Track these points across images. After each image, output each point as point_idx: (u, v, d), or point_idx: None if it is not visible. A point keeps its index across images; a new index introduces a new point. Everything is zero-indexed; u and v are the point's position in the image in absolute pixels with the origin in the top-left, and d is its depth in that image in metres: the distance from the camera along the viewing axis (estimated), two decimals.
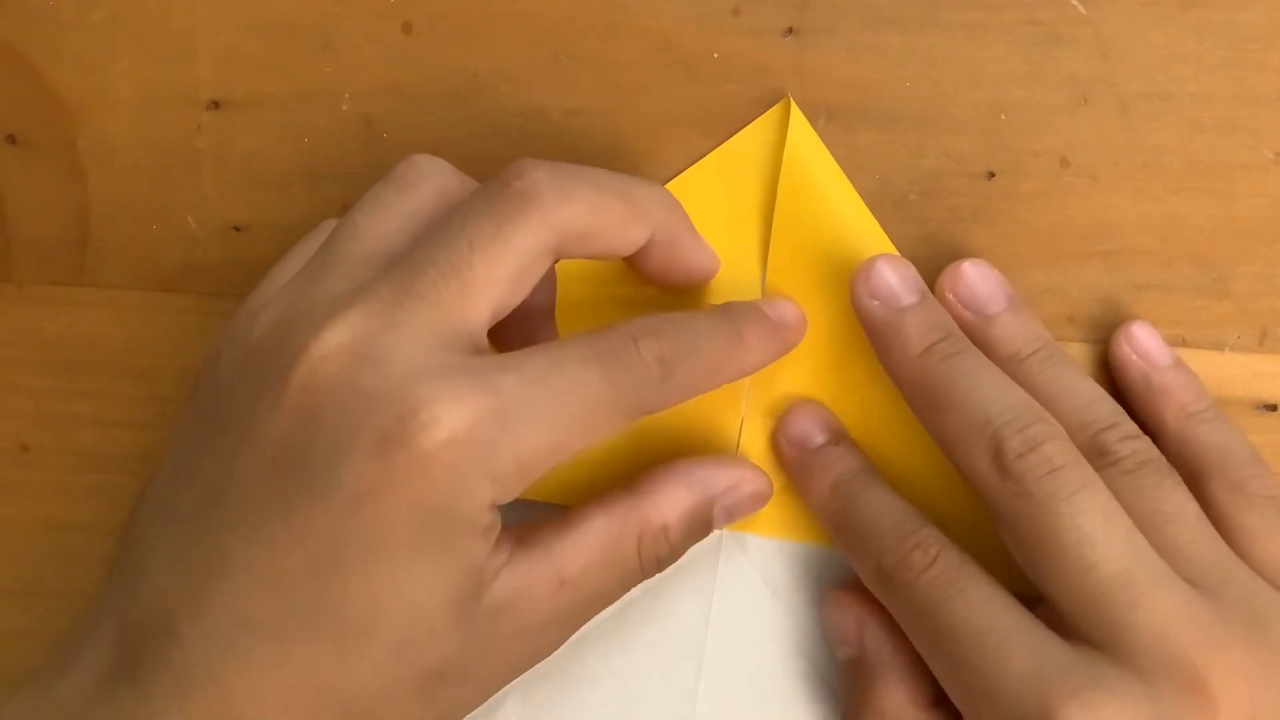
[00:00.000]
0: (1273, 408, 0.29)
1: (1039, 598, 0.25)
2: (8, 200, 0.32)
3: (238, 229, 0.32)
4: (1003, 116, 0.30)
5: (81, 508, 0.32)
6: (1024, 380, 0.27)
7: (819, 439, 0.29)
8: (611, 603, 0.26)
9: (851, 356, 0.29)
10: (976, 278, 0.28)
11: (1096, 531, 0.24)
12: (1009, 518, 0.25)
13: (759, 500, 0.28)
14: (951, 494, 0.28)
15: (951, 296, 0.28)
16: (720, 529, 0.28)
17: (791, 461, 0.29)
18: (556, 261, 0.25)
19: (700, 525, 0.27)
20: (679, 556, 0.27)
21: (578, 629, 0.26)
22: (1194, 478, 0.27)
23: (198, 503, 0.24)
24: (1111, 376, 0.29)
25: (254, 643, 0.22)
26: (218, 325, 0.31)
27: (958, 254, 0.29)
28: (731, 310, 0.27)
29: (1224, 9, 0.29)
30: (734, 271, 0.29)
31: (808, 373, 0.29)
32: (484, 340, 0.24)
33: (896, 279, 0.28)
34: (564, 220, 0.24)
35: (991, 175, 0.30)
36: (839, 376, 0.29)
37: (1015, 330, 0.28)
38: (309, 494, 0.22)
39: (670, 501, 0.26)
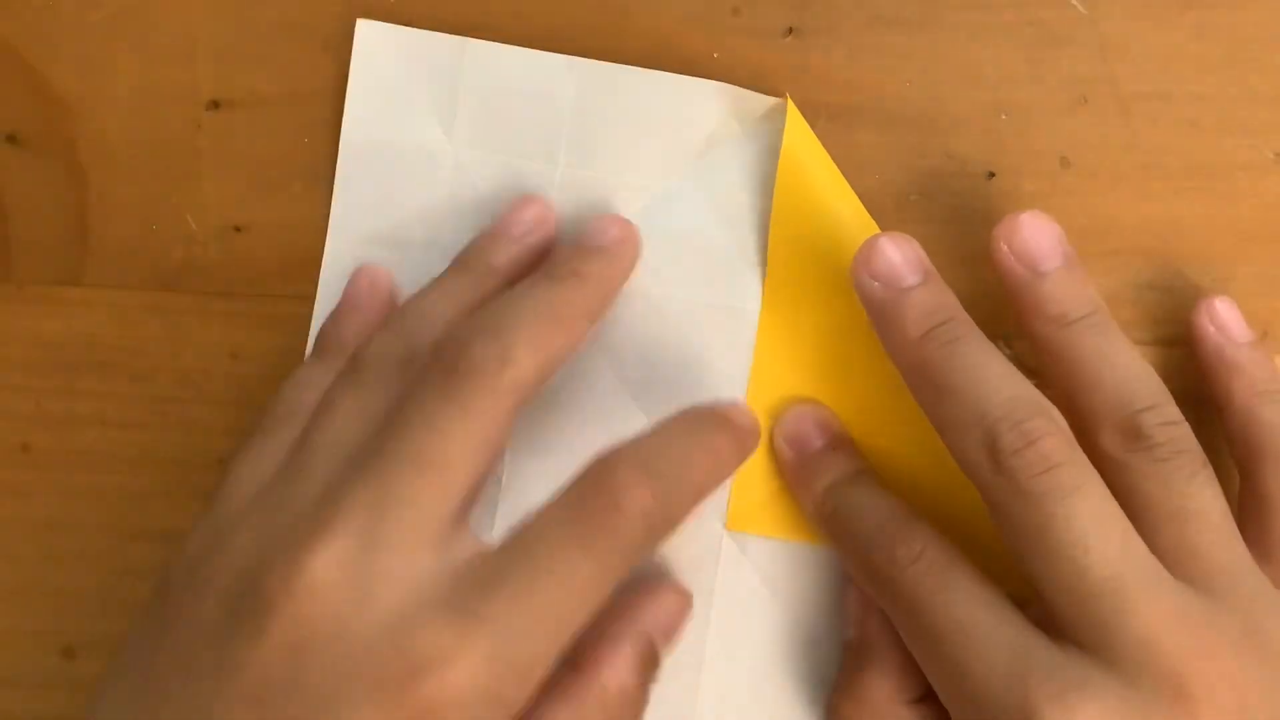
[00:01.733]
0: None
1: (1034, 596, 0.25)
2: (8, 200, 0.32)
3: (238, 229, 0.32)
4: (1003, 116, 0.30)
5: (81, 508, 0.32)
6: (1068, 346, 0.26)
7: (817, 442, 0.29)
8: None
9: (851, 355, 0.29)
10: (1034, 230, 0.27)
11: (1090, 534, 0.24)
12: (1002, 512, 0.25)
13: (687, 609, 0.28)
14: (952, 492, 0.28)
15: (1005, 248, 0.27)
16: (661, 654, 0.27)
17: (788, 463, 0.29)
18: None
19: (652, 663, 0.26)
20: (646, 704, 0.26)
21: None
22: (1251, 457, 0.26)
23: (189, 706, 0.22)
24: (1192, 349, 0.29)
25: None
26: (221, 324, 0.31)
27: (958, 254, 0.29)
28: (701, 421, 0.25)
29: (1224, 9, 0.29)
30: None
31: (808, 372, 0.29)
32: (468, 510, 0.24)
33: (900, 258, 0.27)
34: (520, 380, 0.24)
35: (991, 175, 0.30)
36: (839, 375, 0.29)
37: (1066, 291, 0.27)
38: None
39: (618, 662, 0.25)
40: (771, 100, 0.30)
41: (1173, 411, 0.26)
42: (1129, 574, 0.24)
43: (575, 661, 0.25)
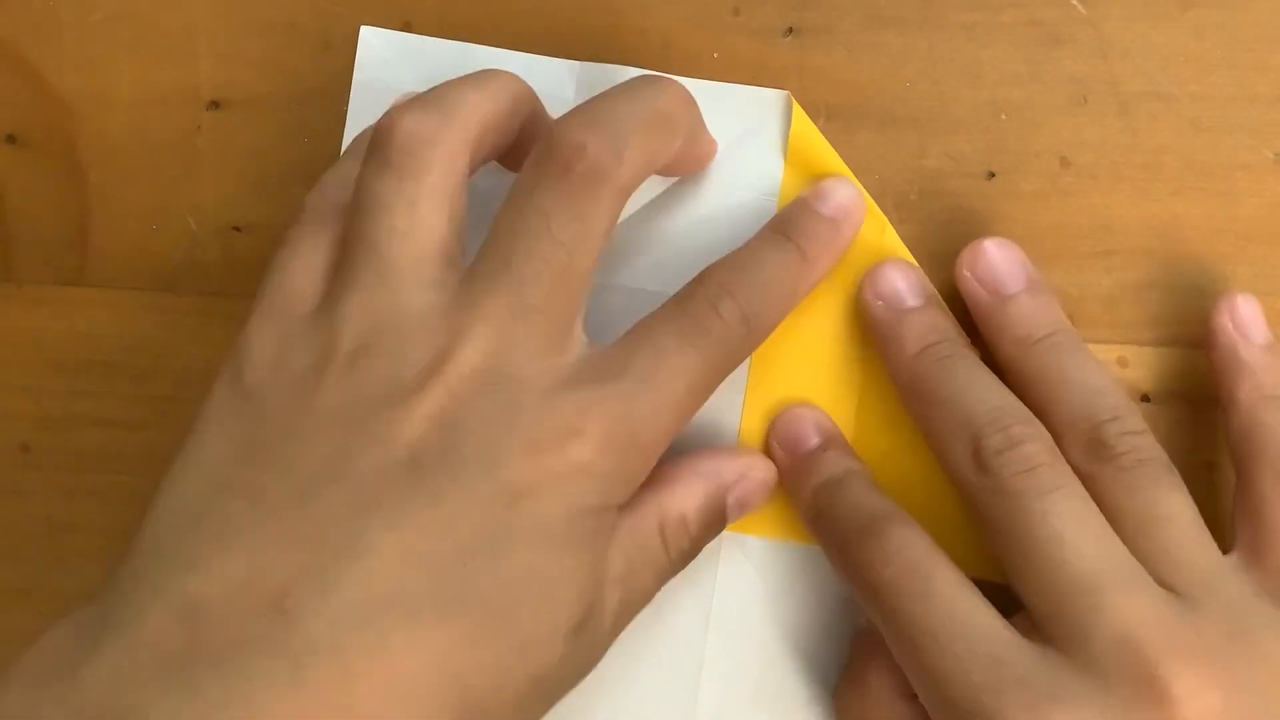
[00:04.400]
0: None
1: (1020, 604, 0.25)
2: (8, 200, 0.32)
3: (238, 229, 0.32)
4: (1003, 116, 0.30)
5: (81, 508, 0.32)
6: (1032, 365, 0.27)
7: (812, 442, 0.29)
8: (648, 602, 0.26)
9: (852, 356, 0.29)
10: (997, 256, 0.28)
11: (1066, 530, 0.24)
12: (985, 515, 0.25)
13: (766, 488, 0.28)
14: (946, 493, 0.28)
15: (968, 274, 0.28)
16: (733, 521, 0.28)
17: (781, 465, 0.29)
18: None
19: (716, 517, 0.27)
20: (700, 549, 0.27)
21: (620, 632, 0.26)
22: (1249, 459, 0.26)
23: (301, 489, 0.23)
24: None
25: (391, 625, 0.22)
26: (221, 324, 0.31)
27: (957, 254, 0.29)
28: (788, 228, 0.28)
29: (1224, 9, 0.29)
30: None
31: (807, 372, 0.29)
32: (584, 310, 0.26)
33: (903, 282, 0.28)
34: (631, 183, 0.25)
35: (991, 175, 0.30)
36: (837, 376, 0.29)
37: (1030, 313, 0.28)
38: (459, 487, 0.23)
39: (686, 493, 0.26)
40: (773, 93, 0.30)
41: (1136, 422, 0.26)
42: (1107, 571, 0.24)
43: (647, 481, 0.26)
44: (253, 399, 0.25)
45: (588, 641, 0.24)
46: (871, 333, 0.28)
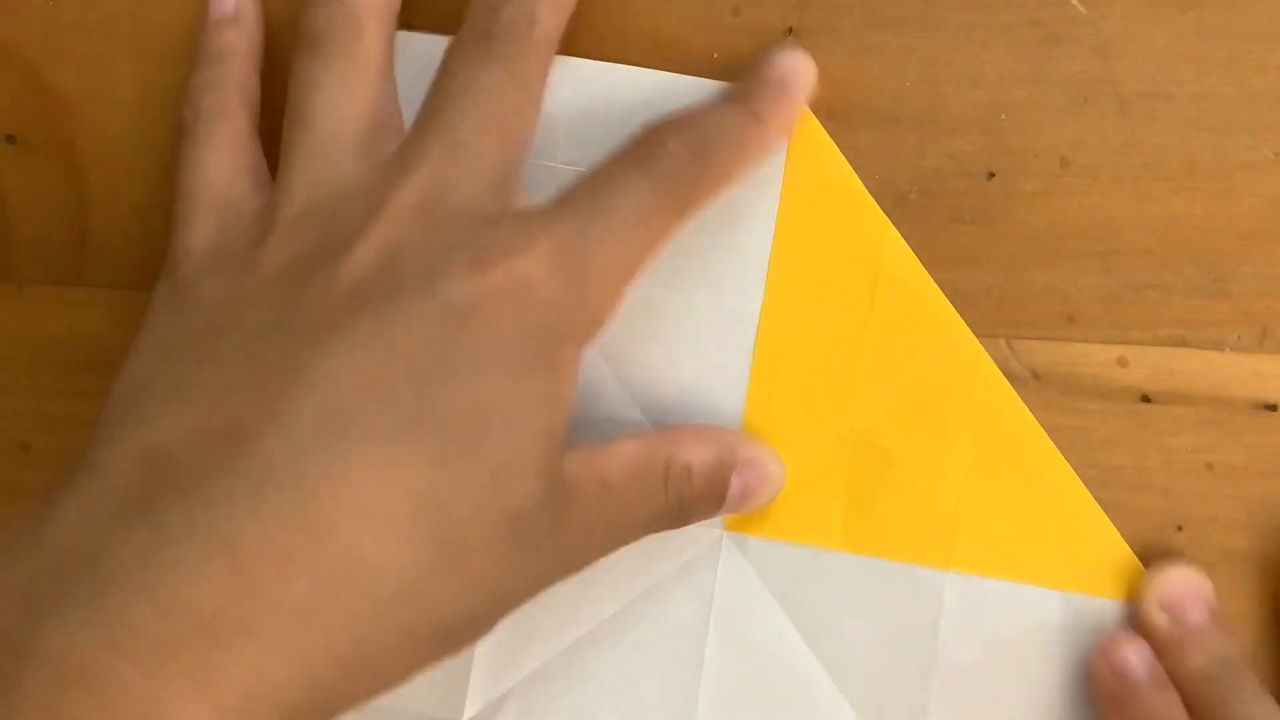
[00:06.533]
0: (1273, 408, 0.29)
1: None
2: (8, 200, 0.32)
3: None
4: (1003, 116, 0.30)
5: None
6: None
7: (1196, 616, 0.27)
8: (637, 537, 0.26)
9: (854, 357, 0.29)
10: (1182, 586, 0.27)
11: None
12: None
13: (775, 484, 0.28)
14: (960, 497, 0.28)
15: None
16: (733, 509, 0.28)
17: (1159, 631, 0.27)
18: None
19: (719, 484, 0.27)
20: (698, 508, 0.27)
21: (608, 553, 0.26)
22: None
23: (253, 335, 0.23)
24: None
25: (348, 446, 0.22)
26: None
27: (958, 254, 0.29)
28: (735, 92, 0.28)
29: (1224, 9, 0.29)
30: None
31: (809, 374, 0.29)
32: (523, 170, 0.27)
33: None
34: (546, 40, 0.27)
35: (991, 175, 0.30)
36: (841, 377, 0.29)
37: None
38: (404, 309, 0.23)
39: (696, 448, 0.27)
40: None
41: None
42: None
43: (662, 428, 0.27)
44: (196, 283, 0.25)
45: (566, 514, 0.24)
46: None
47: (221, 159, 0.27)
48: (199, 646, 0.20)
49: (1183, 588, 0.27)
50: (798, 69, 0.28)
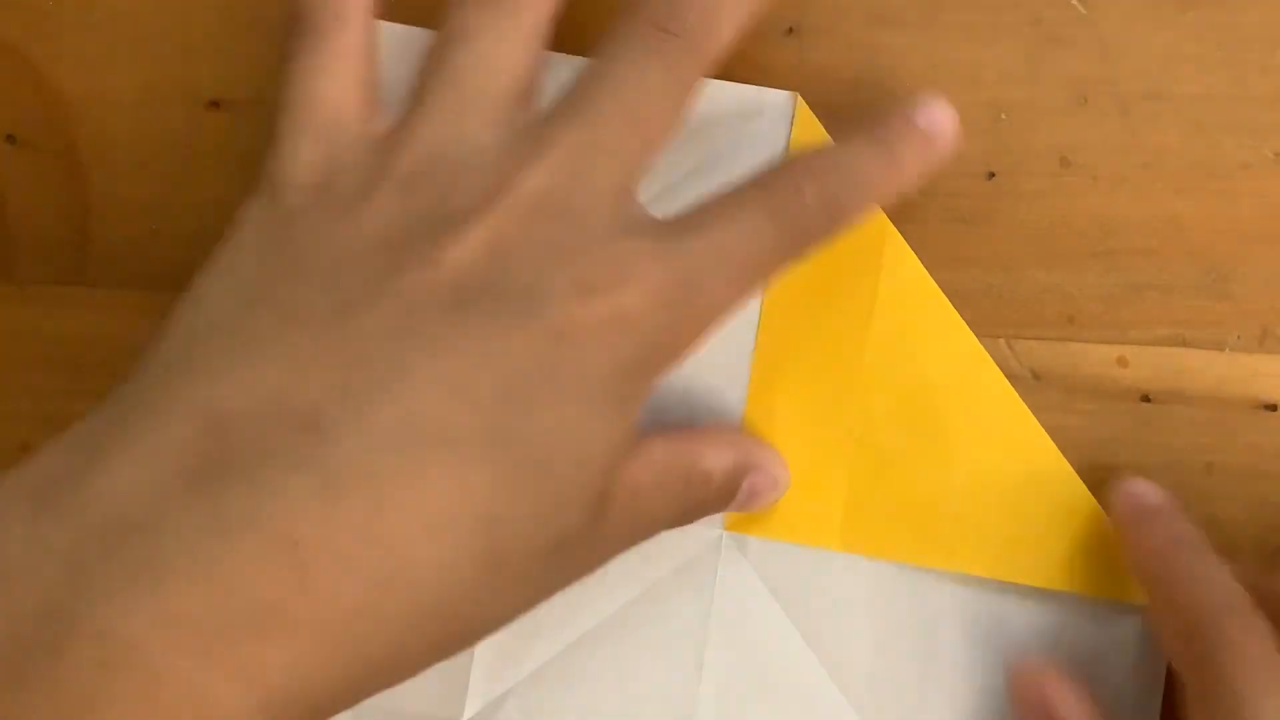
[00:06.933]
0: (1273, 408, 0.29)
1: None
2: (8, 200, 0.32)
3: None
4: (1003, 116, 0.30)
5: None
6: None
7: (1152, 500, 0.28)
8: (650, 537, 0.26)
9: (853, 355, 0.29)
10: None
11: None
12: None
13: (781, 488, 0.28)
14: (960, 497, 0.28)
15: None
16: (737, 508, 0.28)
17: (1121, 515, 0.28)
18: None
19: (732, 489, 0.27)
20: (701, 513, 0.27)
21: (627, 549, 0.25)
22: None
23: (338, 307, 0.22)
24: None
25: (428, 455, 0.21)
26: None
27: (958, 254, 0.29)
28: (879, 129, 0.26)
29: (1224, 9, 0.29)
30: None
31: (809, 372, 0.29)
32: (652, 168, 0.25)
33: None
34: (718, 53, 0.25)
35: (991, 175, 0.30)
36: (840, 376, 0.29)
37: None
38: (504, 322, 0.22)
39: (716, 455, 0.26)
40: (778, 94, 0.30)
41: None
42: None
43: (686, 430, 0.26)
44: (294, 219, 0.24)
45: (600, 525, 0.24)
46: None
47: (333, 74, 0.25)
48: (250, 640, 0.20)
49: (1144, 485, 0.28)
50: (947, 122, 0.26)
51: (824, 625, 0.29)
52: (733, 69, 0.30)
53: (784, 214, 0.24)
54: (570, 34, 0.31)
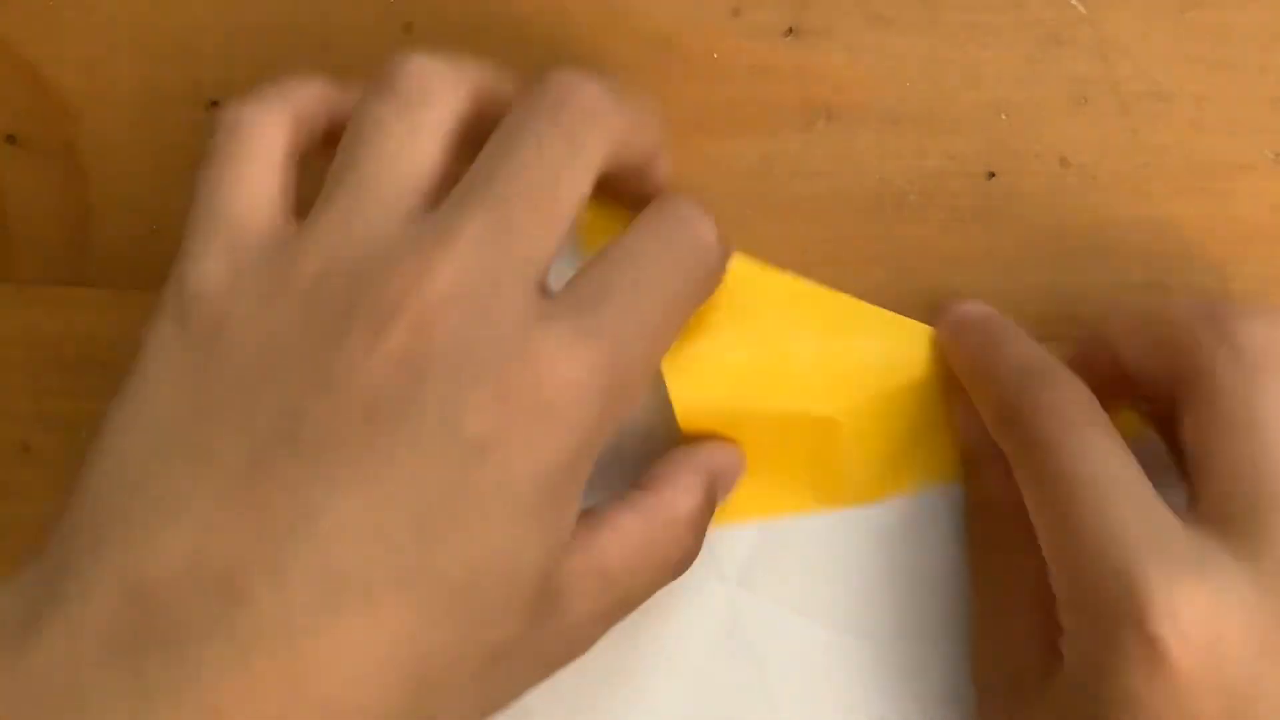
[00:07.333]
0: None
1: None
2: (8, 200, 0.32)
3: None
4: (1003, 116, 0.30)
5: None
6: None
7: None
8: (637, 606, 0.26)
9: (759, 364, 0.29)
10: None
11: None
12: (1212, 382, 0.24)
13: (739, 476, 0.28)
14: (908, 422, 0.29)
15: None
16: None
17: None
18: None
19: (710, 508, 0.27)
20: (699, 549, 0.27)
21: (607, 630, 0.25)
22: None
23: (253, 450, 0.22)
24: None
25: (344, 604, 0.21)
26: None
27: (957, 254, 0.29)
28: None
29: (1224, 9, 0.29)
30: None
31: (725, 391, 0.29)
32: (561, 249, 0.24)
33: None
34: (621, 134, 0.25)
35: (991, 175, 0.30)
36: (758, 383, 0.29)
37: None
38: (421, 445, 0.21)
39: (686, 495, 0.26)
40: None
41: None
42: None
43: (643, 483, 0.26)
44: (200, 345, 0.23)
45: (555, 623, 0.23)
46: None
47: (258, 186, 0.25)
48: None
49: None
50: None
51: (823, 615, 0.29)
52: (732, 69, 0.30)
53: (686, 261, 0.25)
54: (569, 35, 0.31)
